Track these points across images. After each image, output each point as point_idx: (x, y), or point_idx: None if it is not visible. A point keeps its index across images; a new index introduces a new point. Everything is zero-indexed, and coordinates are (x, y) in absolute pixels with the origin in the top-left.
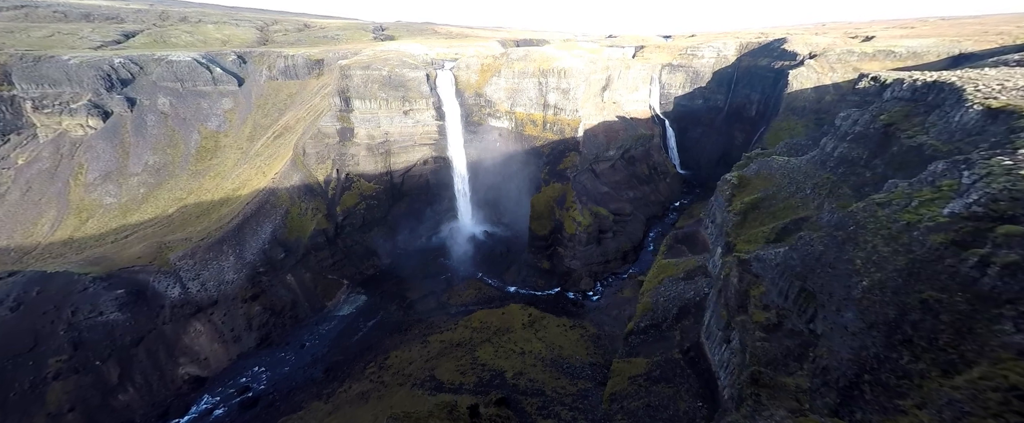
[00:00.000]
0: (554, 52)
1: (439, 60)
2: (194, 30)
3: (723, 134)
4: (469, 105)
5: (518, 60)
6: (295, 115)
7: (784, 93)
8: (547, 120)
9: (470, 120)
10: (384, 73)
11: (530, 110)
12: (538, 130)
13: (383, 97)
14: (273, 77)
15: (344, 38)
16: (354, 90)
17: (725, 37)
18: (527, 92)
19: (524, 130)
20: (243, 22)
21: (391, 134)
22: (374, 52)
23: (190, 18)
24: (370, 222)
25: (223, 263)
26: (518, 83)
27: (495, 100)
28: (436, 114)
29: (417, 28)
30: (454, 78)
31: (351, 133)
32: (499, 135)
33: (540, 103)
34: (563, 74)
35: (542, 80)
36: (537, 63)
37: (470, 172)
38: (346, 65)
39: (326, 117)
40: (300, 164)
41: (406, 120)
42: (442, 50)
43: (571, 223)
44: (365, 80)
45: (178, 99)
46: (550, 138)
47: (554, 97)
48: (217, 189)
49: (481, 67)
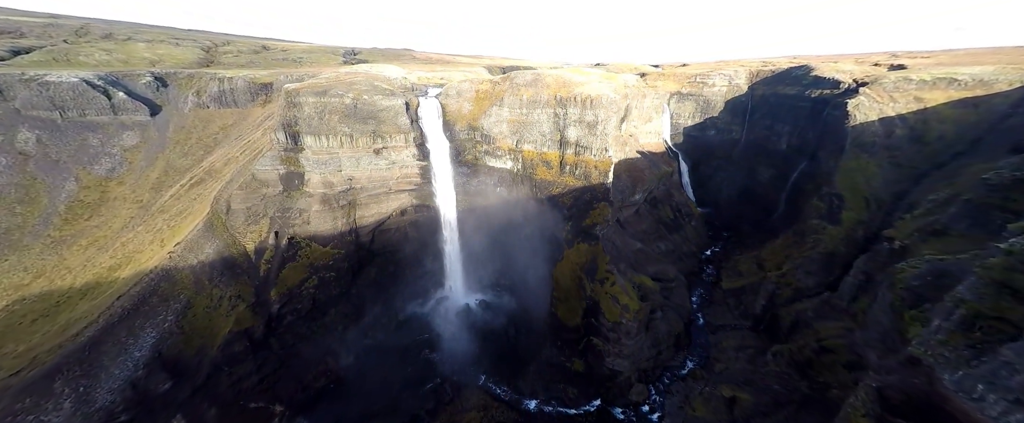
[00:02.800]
0: (574, 76)
1: (421, 86)
2: (116, 48)
3: (742, 169)
4: (460, 141)
5: (526, 86)
6: (226, 154)
7: (846, 126)
8: (566, 161)
9: (462, 159)
10: (347, 101)
11: (543, 148)
12: (554, 174)
13: (346, 132)
14: (202, 104)
15: (308, 61)
16: (305, 123)
17: (731, 65)
18: (539, 126)
19: (535, 173)
20: (185, 41)
21: (357, 180)
22: (335, 75)
23: (117, 35)
24: (323, 304)
25: (46, 417)
26: (527, 114)
27: (495, 135)
28: (417, 152)
29: (394, 54)
30: (441, 107)
31: (300, 180)
32: (500, 179)
33: (556, 140)
34: (589, 103)
35: (559, 111)
36: (552, 89)
37: (463, 224)
38: (293, 90)
39: (264, 159)
40: (219, 227)
41: (378, 161)
42: (424, 74)
43: (612, 306)
44: (320, 110)
45: (52, 134)
46: (571, 184)
47: (576, 132)
48: (84, 268)
49: (476, 94)
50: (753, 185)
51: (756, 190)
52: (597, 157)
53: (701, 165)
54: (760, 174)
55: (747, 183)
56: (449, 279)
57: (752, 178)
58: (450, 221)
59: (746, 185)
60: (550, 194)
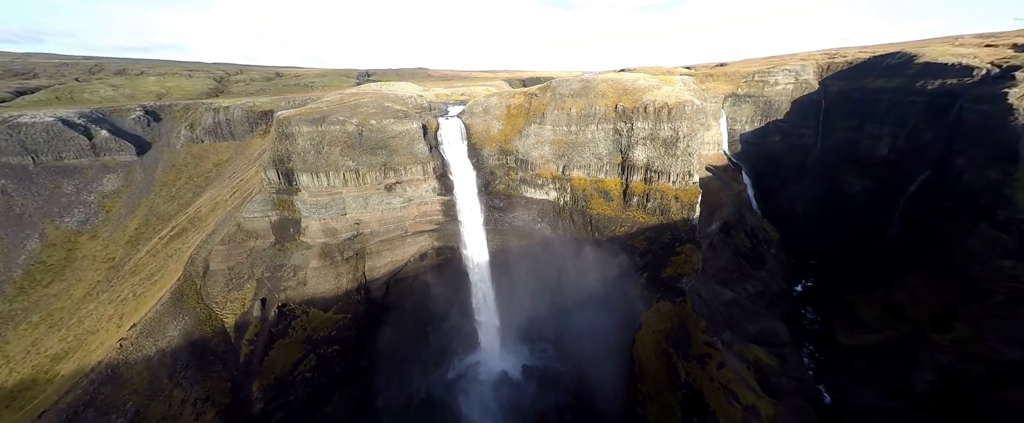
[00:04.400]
0: (638, 81)
1: (439, 104)
2: (125, 84)
3: (821, 180)
4: (490, 167)
5: (574, 96)
6: (214, 197)
7: (1011, 125)
8: (632, 190)
9: (492, 190)
10: (350, 128)
11: (598, 174)
12: (615, 207)
13: (350, 166)
14: (196, 138)
15: (320, 85)
16: (299, 158)
17: (793, 60)
18: (593, 146)
19: (589, 206)
20: (198, 73)
21: (366, 224)
22: (339, 97)
23: (130, 71)
24: (324, 390)
25: None
26: (577, 132)
27: (534, 159)
28: (438, 186)
29: (409, 73)
30: (465, 128)
31: (295, 228)
32: (542, 213)
33: (615, 163)
34: (666, 114)
35: (622, 126)
36: (611, 98)
37: (497, 270)
38: (285, 118)
39: (252, 204)
40: (191, 296)
41: (390, 199)
42: (442, 90)
43: (728, 405)
44: (317, 141)
45: (20, 182)
46: (641, 221)
47: (646, 153)
48: (25, 357)
49: (507, 110)
50: (839, 200)
51: (844, 206)
52: (678, 184)
53: (765, 177)
54: (848, 186)
55: (830, 197)
56: (482, 335)
57: (836, 191)
58: (480, 265)
59: (829, 200)
60: (613, 234)
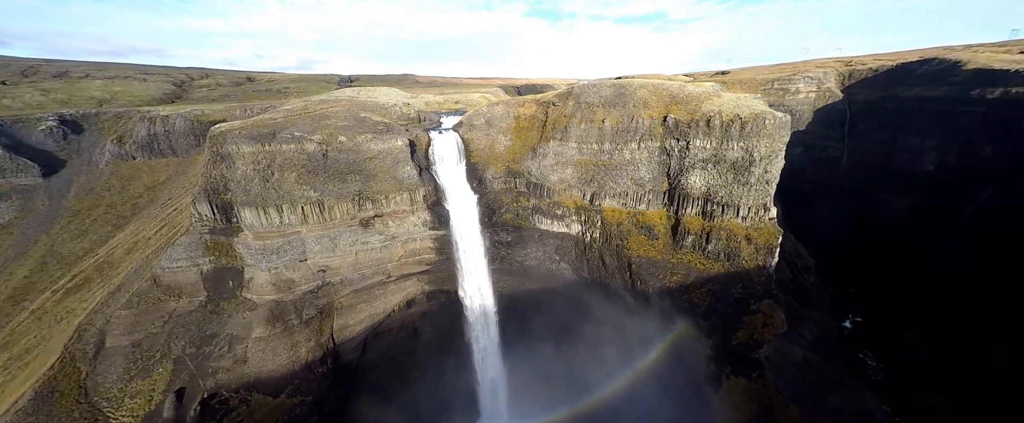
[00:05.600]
0: (688, 86)
1: (430, 113)
2: (61, 88)
3: (851, 196)
4: (494, 192)
5: (606, 105)
6: (137, 233)
7: None
8: (687, 227)
9: (498, 220)
10: (310, 148)
11: (638, 205)
12: (662, 248)
13: (311, 197)
14: (125, 154)
15: (295, 92)
16: (239, 187)
17: (808, 66)
18: (632, 169)
19: (625, 245)
20: (155, 76)
21: (334, 271)
22: (304, 104)
23: (73, 73)
24: None
25: None
26: (611, 151)
27: (552, 184)
28: (431, 217)
29: (395, 79)
30: (463, 144)
31: (235, 281)
32: (561, 250)
33: (661, 191)
34: (738, 130)
35: (673, 143)
36: (656, 108)
37: (503, 318)
38: (221, 134)
39: (175, 249)
40: (67, 394)
41: (367, 237)
42: (433, 98)
43: None
44: (263, 165)
45: None
46: (698, 268)
47: (705, 179)
48: None
49: (516, 123)
50: (874, 218)
51: (881, 225)
52: (750, 221)
53: (786, 192)
54: (884, 203)
55: (863, 216)
56: (484, 397)
57: (870, 209)
58: (483, 313)
59: (861, 218)
60: (662, 285)
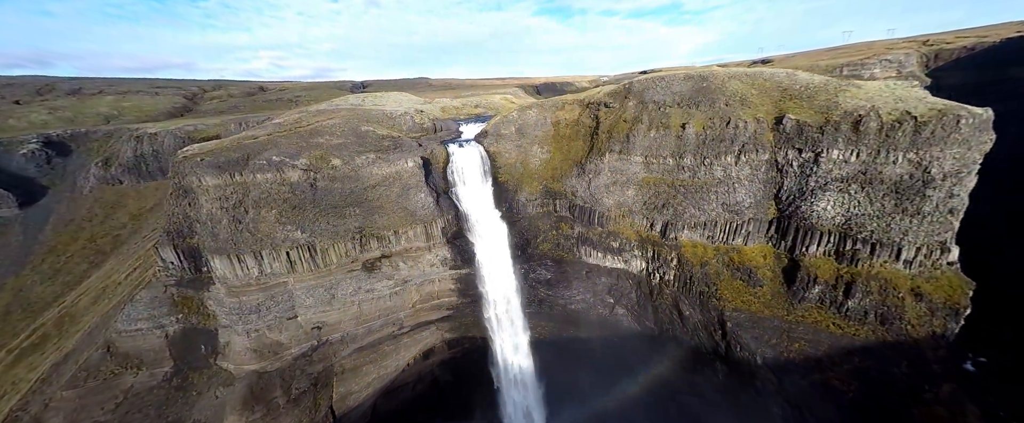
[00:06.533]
0: (801, 76)
1: (446, 121)
2: (72, 105)
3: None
4: (528, 218)
5: (683, 103)
6: (107, 275)
7: None
8: (810, 271)
9: (534, 252)
10: (294, 176)
11: (732, 238)
12: (770, 300)
13: (297, 238)
14: (111, 178)
15: (306, 100)
16: (205, 229)
17: (877, 47)
18: (725, 189)
19: (715, 292)
20: (166, 90)
21: (332, 327)
22: (296, 117)
23: (86, 90)
24: None
25: None
26: (694, 167)
27: (606, 208)
28: (451, 254)
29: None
30: (488, 159)
31: (208, 345)
32: (617, 292)
33: (766, 219)
34: (906, 134)
35: (791, 155)
36: (761, 106)
37: (541, 370)
38: (182, 160)
39: (134, 307)
40: None
41: (373, 283)
42: (449, 102)
43: None
44: (232, 201)
45: None
46: (833, 331)
47: (844, 204)
48: None
49: (555, 130)
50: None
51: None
52: (920, 267)
53: None
54: None
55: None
56: None
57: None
58: (517, 364)
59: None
60: (776, 354)
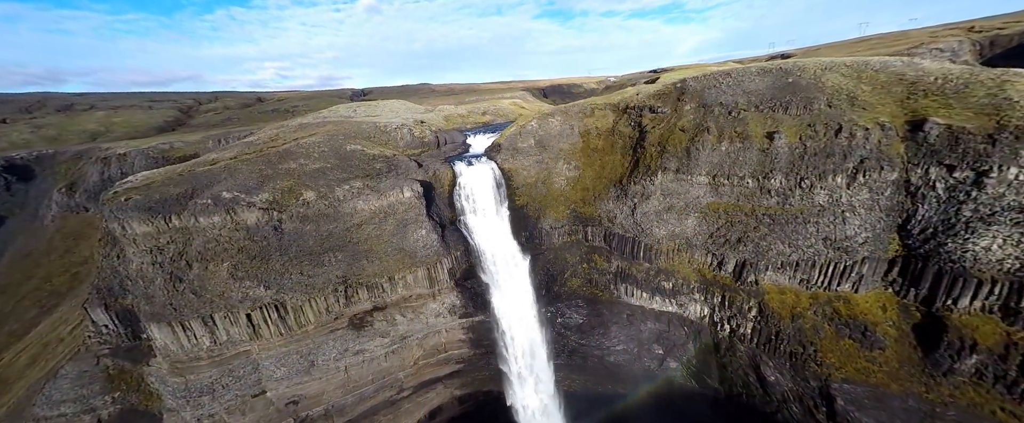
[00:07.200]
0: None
1: (451, 131)
2: (58, 122)
3: None
4: (553, 249)
5: (765, 106)
6: (54, 326)
7: None
8: (964, 332)
9: (561, 290)
10: (252, 218)
11: (837, 283)
12: (895, 370)
13: (260, 295)
14: (75, 206)
15: (304, 109)
16: (138, 289)
17: (920, 36)
18: (827, 220)
19: (814, 357)
20: (161, 104)
21: (312, 399)
22: (272, 134)
23: (78, 106)
24: None
25: None
26: (784, 190)
27: (656, 240)
28: (461, 300)
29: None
30: (502, 178)
31: None
32: (668, 343)
33: (883, 260)
34: None
35: (930, 172)
36: (884, 108)
37: None
38: (106, 199)
39: (57, 385)
40: None
41: (364, 342)
42: (452, 110)
43: None
44: (169, 253)
45: None
46: (1002, 419)
47: (1016, 237)
48: None
49: (584, 142)
50: None
51: None
52: None
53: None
54: None
55: None
56: None
57: None
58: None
59: None
60: None
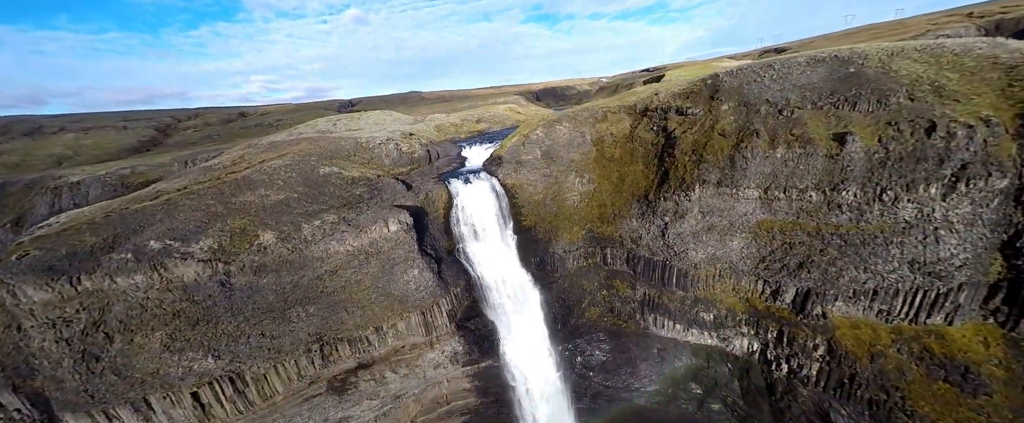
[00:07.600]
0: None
1: (444, 142)
2: (21, 149)
3: None
4: (568, 276)
5: (823, 103)
6: None
7: None
8: None
9: (579, 322)
10: (190, 273)
11: (927, 316)
12: (1007, 421)
13: (209, 368)
14: None
15: (289, 123)
16: (46, 372)
17: (918, 23)
18: (915, 240)
19: (902, 405)
20: (137, 123)
21: None
22: (234, 156)
23: (46, 128)
24: None
25: None
26: (858, 204)
27: (690, 265)
28: (463, 346)
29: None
30: (505, 195)
31: None
32: (704, 378)
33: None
34: None
35: None
36: (983, 99)
37: None
38: (7, 255)
39: None
40: None
41: (349, 408)
42: (444, 119)
43: None
44: (80, 325)
45: None
46: None
47: None
48: None
49: (598, 151)
50: None
51: None
52: None
53: None
54: None
55: None
56: None
57: None
58: None
59: None
60: None
